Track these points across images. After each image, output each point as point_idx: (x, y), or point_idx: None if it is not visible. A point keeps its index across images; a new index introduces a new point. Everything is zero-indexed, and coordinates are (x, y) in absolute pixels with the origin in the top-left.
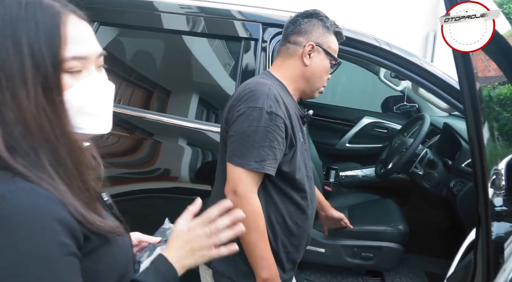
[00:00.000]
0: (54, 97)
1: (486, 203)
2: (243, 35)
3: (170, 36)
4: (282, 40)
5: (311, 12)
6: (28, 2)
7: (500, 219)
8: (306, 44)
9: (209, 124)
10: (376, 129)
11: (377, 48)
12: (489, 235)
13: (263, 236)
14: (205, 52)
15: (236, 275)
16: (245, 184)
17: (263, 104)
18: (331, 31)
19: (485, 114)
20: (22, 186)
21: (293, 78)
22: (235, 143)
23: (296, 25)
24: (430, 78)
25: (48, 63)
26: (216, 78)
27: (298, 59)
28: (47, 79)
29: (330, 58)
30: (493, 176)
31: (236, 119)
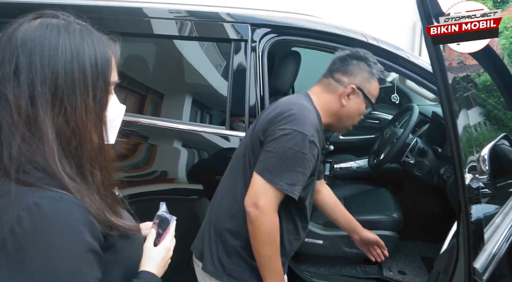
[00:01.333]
0: (102, 113)
1: (464, 188)
2: (233, 37)
3: (161, 41)
4: (326, 72)
5: (361, 56)
6: (81, 29)
7: (479, 202)
8: (348, 85)
9: (204, 126)
10: (368, 120)
11: (364, 43)
12: (468, 219)
13: (277, 250)
14: (196, 55)
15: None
16: (269, 200)
17: (308, 131)
18: (375, 77)
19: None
20: (51, 195)
21: (327, 113)
22: (271, 159)
23: (344, 64)
24: (418, 70)
25: (102, 86)
26: (208, 79)
27: (337, 98)
28: (101, 98)
29: (367, 102)
30: (471, 162)
31: (279, 137)
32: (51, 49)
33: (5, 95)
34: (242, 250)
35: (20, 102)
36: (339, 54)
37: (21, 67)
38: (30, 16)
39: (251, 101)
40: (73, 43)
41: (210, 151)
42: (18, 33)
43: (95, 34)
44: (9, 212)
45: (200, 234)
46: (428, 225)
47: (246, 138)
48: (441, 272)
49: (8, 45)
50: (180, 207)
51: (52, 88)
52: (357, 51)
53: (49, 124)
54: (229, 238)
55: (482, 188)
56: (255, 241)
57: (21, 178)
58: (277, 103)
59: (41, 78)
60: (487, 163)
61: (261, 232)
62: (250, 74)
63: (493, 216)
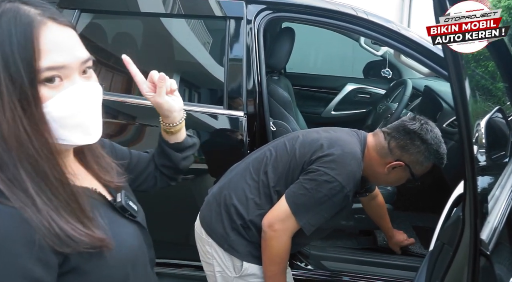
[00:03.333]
0: (32, 109)
1: (472, 158)
2: (227, 14)
3: (152, 19)
4: (389, 131)
5: (426, 139)
6: (3, 12)
7: (483, 173)
8: (399, 160)
9: (201, 106)
10: (359, 95)
11: (355, 17)
12: (475, 189)
13: (284, 268)
14: (189, 32)
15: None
16: (286, 227)
17: (347, 184)
18: (430, 161)
19: (466, 72)
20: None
21: (369, 167)
22: (304, 197)
23: (406, 139)
24: (409, 43)
25: (23, 75)
26: (204, 59)
27: (383, 163)
28: (23, 91)
29: (410, 176)
30: (476, 133)
31: (318, 178)
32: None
33: None
34: (243, 229)
35: None
36: (409, 124)
37: None
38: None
39: (248, 81)
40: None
41: (200, 130)
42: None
43: (20, 14)
44: None
45: (208, 202)
46: (419, 195)
47: (279, 145)
48: (446, 243)
49: None
50: (176, 187)
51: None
52: (426, 132)
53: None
54: (234, 215)
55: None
56: (265, 257)
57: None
58: (326, 133)
59: None
60: (483, 135)
61: (272, 252)
62: (248, 52)
63: (492, 188)
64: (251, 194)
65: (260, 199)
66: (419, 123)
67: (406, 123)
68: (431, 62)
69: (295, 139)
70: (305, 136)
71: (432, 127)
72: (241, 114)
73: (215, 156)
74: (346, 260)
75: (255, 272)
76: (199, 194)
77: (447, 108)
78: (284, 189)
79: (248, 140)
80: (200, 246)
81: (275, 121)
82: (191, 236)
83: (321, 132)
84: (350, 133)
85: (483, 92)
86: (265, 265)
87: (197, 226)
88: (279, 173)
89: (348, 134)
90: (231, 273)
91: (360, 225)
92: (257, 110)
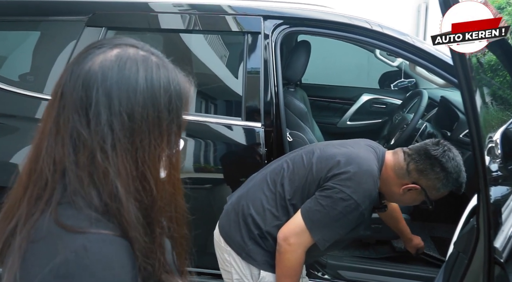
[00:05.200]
0: (173, 157)
1: (484, 169)
2: (245, 29)
3: (172, 35)
4: (409, 152)
5: (447, 167)
6: (164, 69)
7: (497, 183)
8: (415, 183)
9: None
10: (375, 105)
11: (369, 30)
12: (488, 200)
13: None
14: (208, 47)
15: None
16: (301, 242)
17: (363, 203)
18: (448, 189)
19: (476, 83)
20: (100, 237)
21: (385, 185)
22: (319, 213)
23: (425, 163)
24: (424, 55)
25: (175, 130)
26: (223, 73)
27: (399, 183)
28: (173, 142)
29: (425, 199)
30: (489, 144)
31: (334, 196)
32: (129, 90)
33: (79, 134)
34: (260, 239)
35: (96, 145)
36: (431, 148)
37: (101, 108)
38: (106, 44)
39: (265, 93)
40: (150, 82)
41: (216, 140)
42: (95, 66)
43: (171, 71)
44: (52, 254)
45: (227, 212)
46: (437, 206)
47: (297, 158)
48: (461, 251)
49: (84, 78)
50: (195, 197)
51: (128, 134)
52: (448, 160)
53: (124, 172)
54: (252, 225)
55: (497, 170)
56: (279, 270)
57: (67, 224)
58: (344, 148)
59: (120, 122)
60: (499, 146)
61: (286, 265)
62: (265, 65)
63: (507, 198)
64: (268, 205)
65: (277, 210)
66: (442, 149)
67: (429, 148)
68: (447, 73)
69: (312, 153)
70: (323, 151)
71: (455, 155)
72: (258, 125)
73: (233, 166)
74: (363, 270)
75: (272, 281)
76: (217, 203)
77: (463, 119)
78: (300, 203)
79: (266, 150)
80: (219, 254)
81: (291, 132)
82: (210, 245)
83: (339, 147)
84: (369, 150)
85: (501, 102)
86: (279, 277)
87: (216, 235)
88: (295, 186)
89: (366, 151)
90: (248, 281)
91: (377, 235)
92: (274, 122)
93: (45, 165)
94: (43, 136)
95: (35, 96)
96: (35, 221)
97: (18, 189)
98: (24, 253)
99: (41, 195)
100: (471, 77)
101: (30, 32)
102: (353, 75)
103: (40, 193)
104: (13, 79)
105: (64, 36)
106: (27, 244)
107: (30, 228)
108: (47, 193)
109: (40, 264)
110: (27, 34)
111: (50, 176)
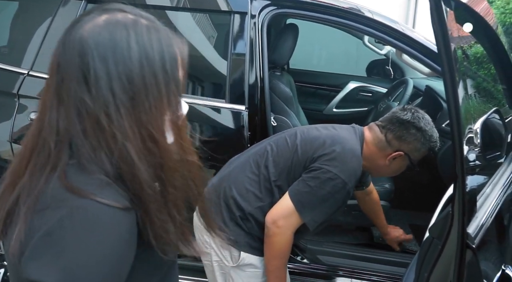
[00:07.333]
0: (176, 117)
1: (462, 159)
2: (232, 9)
3: (157, 12)
4: (383, 124)
5: (421, 126)
6: (155, 31)
7: (474, 172)
8: (398, 150)
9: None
10: (362, 93)
11: (359, 16)
12: (464, 187)
13: (285, 263)
14: (194, 25)
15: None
16: (290, 223)
17: (349, 181)
18: (426, 147)
19: (461, 75)
20: (106, 207)
21: (369, 160)
22: (308, 194)
23: (401, 129)
24: (412, 44)
25: (174, 90)
26: (208, 52)
27: (383, 155)
28: (173, 102)
29: (409, 164)
30: (469, 134)
31: (322, 176)
32: (124, 53)
33: (83, 101)
34: (241, 220)
35: (98, 110)
36: (401, 115)
37: (99, 73)
38: (94, 11)
39: (250, 75)
40: (142, 45)
41: (210, 123)
42: (86, 33)
43: (162, 32)
44: (60, 207)
45: (207, 193)
46: (416, 194)
47: (280, 140)
48: (435, 237)
49: (78, 46)
50: None
51: (131, 96)
52: (419, 120)
53: (131, 134)
54: (234, 206)
55: (474, 159)
56: (268, 252)
57: (79, 188)
58: (326, 130)
59: (120, 85)
60: (479, 136)
61: (275, 247)
62: (251, 47)
63: (483, 186)
64: (251, 187)
65: (261, 192)
66: (411, 112)
67: (399, 115)
68: (434, 63)
69: (295, 136)
70: (307, 133)
71: (423, 114)
72: (242, 108)
73: (216, 149)
74: (342, 255)
75: (252, 262)
76: None
77: (446, 109)
78: (285, 184)
79: (249, 134)
80: (198, 236)
81: (276, 116)
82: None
83: (321, 130)
84: (349, 130)
85: (484, 94)
86: (268, 259)
87: (196, 216)
88: (280, 168)
89: (348, 131)
90: (228, 263)
91: (357, 221)
92: (258, 105)
93: (48, 136)
94: (44, 110)
95: (10, 70)
96: (40, 190)
97: (20, 162)
98: (29, 222)
99: (45, 164)
100: (455, 68)
101: (8, 2)
102: (341, 62)
103: (44, 162)
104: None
105: (42, 8)
106: (32, 214)
107: (35, 198)
108: (51, 161)
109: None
110: (5, 4)
111: (54, 146)
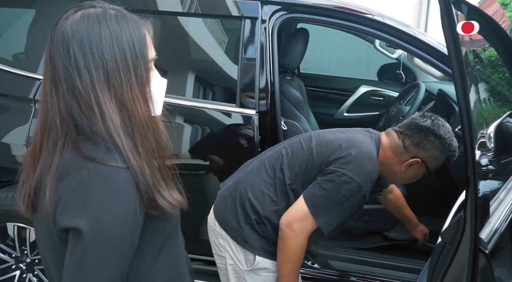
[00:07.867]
0: (145, 90)
1: (474, 164)
2: (242, 14)
3: (169, 18)
4: (401, 130)
5: (440, 134)
6: (122, 17)
7: (486, 178)
8: (415, 157)
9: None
10: (373, 97)
11: (370, 20)
12: (476, 193)
13: (298, 267)
14: (205, 31)
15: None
16: (304, 227)
17: (365, 185)
18: (444, 156)
19: (473, 79)
20: (117, 168)
21: (385, 166)
22: (323, 197)
23: (419, 136)
24: (424, 47)
25: (142, 65)
26: (218, 57)
27: (399, 161)
28: (141, 76)
29: (426, 171)
30: (481, 138)
31: (337, 179)
32: (96, 39)
33: (73, 83)
34: (257, 224)
35: (84, 88)
36: (421, 121)
37: (78, 58)
38: (72, 9)
39: (261, 80)
40: (111, 30)
41: (212, 126)
42: (66, 27)
43: (129, 17)
44: (79, 171)
45: (222, 196)
46: (429, 199)
47: (295, 144)
48: (447, 242)
49: (61, 38)
50: (183, 179)
51: (105, 74)
52: (439, 127)
53: (109, 105)
54: (249, 210)
55: (487, 164)
56: (281, 256)
57: (88, 154)
58: (342, 134)
59: (95, 66)
60: (492, 140)
61: (289, 251)
62: (262, 51)
63: (497, 191)
64: (267, 190)
65: (276, 196)
66: (430, 119)
67: (418, 121)
68: (447, 67)
69: (310, 139)
70: (321, 137)
71: (443, 122)
72: (253, 113)
73: (227, 152)
74: (353, 261)
75: (267, 266)
76: (210, 189)
77: None
78: (301, 188)
79: (259, 138)
80: (213, 239)
81: (286, 120)
82: (202, 231)
83: (337, 133)
84: (365, 134)
85: (499, 98)
86: (281, 263)
87: (211, 219)
88: (295, 171)
89: (364, 135)
90: (243, 266)
91: (369, 226)
92: (269, 109)
93: (54, 116)
94: (46, 97)
95: (28, 76)
96: (58, 162)
97: (35, 145)
98: (56, 187)
99: (56, 141)
100: (467, 72)
101: (25, 10)
102: (352, 66)
103: (55, 140)
104: (6, 58)
105: (58, 15)
106: (56, 181)
107: (56, 168)
108: (61, 136)
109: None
110: (22, 11)
111: (60, 124)
